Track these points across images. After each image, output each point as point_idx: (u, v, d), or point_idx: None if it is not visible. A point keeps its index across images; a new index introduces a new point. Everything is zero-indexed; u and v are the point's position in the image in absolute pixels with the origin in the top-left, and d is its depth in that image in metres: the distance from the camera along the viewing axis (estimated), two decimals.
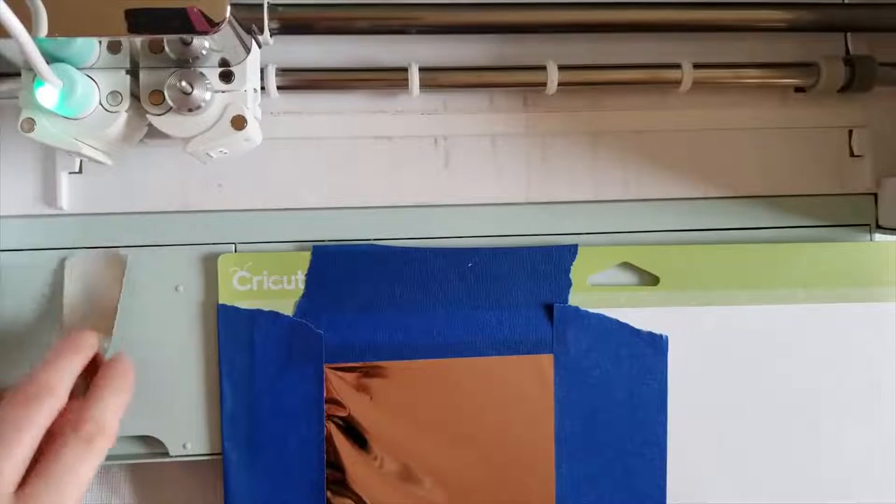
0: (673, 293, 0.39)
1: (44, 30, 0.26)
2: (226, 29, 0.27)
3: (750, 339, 0.40)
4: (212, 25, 0.27)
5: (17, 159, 0.37)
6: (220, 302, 0.37)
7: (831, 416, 0.40)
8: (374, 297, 0.38)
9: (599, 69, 0.39)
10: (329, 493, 0.37)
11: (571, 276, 0.38)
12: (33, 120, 0.30)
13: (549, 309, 0.38)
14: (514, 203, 0.39)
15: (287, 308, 0.37)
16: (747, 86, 0.39)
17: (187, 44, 0.30)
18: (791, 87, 0.41)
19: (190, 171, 0.38)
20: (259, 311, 0.37)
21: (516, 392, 0.38)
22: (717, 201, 0.40)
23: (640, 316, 0.39)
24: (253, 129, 0.32)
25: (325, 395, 0.37)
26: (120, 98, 0.31)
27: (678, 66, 0.38)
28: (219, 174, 0.38)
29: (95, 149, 0.33)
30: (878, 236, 0.40)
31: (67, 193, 0.37)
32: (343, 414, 0.38)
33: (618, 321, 0.39)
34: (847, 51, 0.41)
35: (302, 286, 0.38)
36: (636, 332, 0.39)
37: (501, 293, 0.38)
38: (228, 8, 0.27)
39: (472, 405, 0.38)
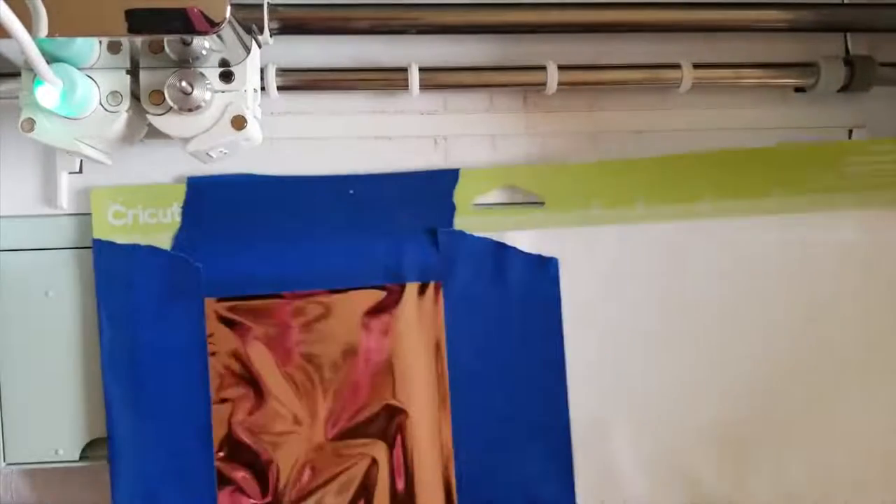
0: (561, 214, 0.38)
1: (44, 30, 0.26)
2: (226, 29, 0.28)
3: (647, 258, 0.38)
4: (212, 25, 0.27)
5: (17, 159, 0.37)
6: (95, 237, 0.36)
7: (732, 328, 0.39)
8: (253, 228, 0.37)
9: (599, 69, 0.39)
10: (214, 426, 0.36)
11: (455, 199, 0.38)
12: (33, 120, 0.30)
13: (434, 234, 0.37)
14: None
15: (165, 242, 0.37)
16: (747, 86, 0.40)
17: (187, 44, 0.30)
18: (791, 87, 0.41)
19: (190, 171, 0.38)
20: (136, 246, 0.36)
21: (406, 321, 0.37)
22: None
23: (528, 238, 0.38)
24: (253, 129, 0.32)
25: (206, 330, 0.37)
26: (120, 98, 0.31)
27: (678, 66, 0.38)
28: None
29: (95, 149, 0.33)
30: None
31: (67, 193, 0.37)
32: (225, 349, 0.37)
33: (504, 244, 0.38)
34: (847, 51, 0.41)
35: (179, 219, 0.37)
36: (525, 256, 0.38)
37: (385, 220, 0.37)
38: (228, 8, 0.27)
39: (358, 337, 0.37)
